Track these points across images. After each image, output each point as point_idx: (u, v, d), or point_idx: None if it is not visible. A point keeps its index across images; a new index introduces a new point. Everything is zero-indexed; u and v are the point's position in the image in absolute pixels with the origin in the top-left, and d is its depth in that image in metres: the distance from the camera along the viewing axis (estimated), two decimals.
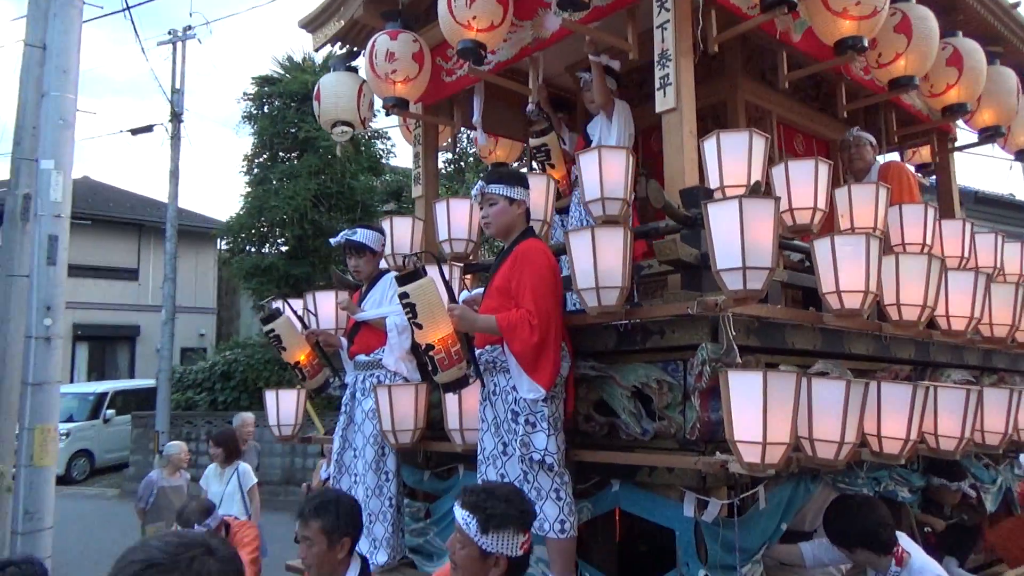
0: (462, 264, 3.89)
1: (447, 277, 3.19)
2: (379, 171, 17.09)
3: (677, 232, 3.03)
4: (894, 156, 5.57)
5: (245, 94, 16.04)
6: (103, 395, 16.12)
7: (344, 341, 4.03)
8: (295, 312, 4.12)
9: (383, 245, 4.02)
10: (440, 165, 5.54)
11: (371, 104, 4.80)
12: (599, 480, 3.20)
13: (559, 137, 4.48)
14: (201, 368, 15.20)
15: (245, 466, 5.87)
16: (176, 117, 9.80)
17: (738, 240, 2.39)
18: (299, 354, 4.08)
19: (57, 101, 7.72)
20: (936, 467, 3.59)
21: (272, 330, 4.05)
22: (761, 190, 2.90)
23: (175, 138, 9.94)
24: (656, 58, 3.43)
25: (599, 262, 2.76)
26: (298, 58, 16.48)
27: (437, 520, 3.79)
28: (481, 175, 5.48)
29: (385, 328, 3.77)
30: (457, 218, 3.86)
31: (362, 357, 3.90)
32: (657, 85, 3.41)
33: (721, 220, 2.44)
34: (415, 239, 4.34)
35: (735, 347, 2.57)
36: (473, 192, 3.17)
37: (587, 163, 3.21)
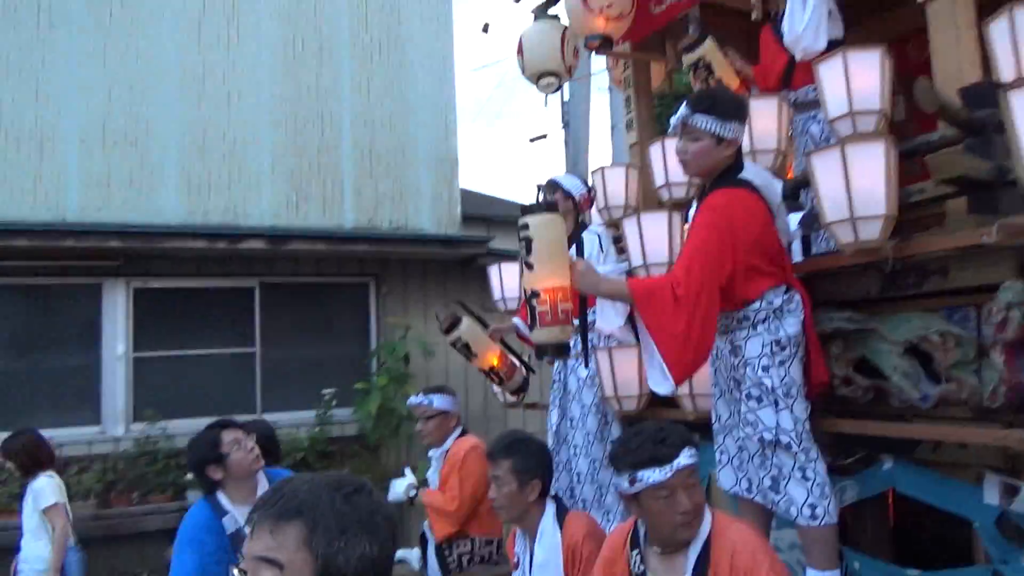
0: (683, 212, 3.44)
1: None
2: None
3: (958, 144, 2.37)
4: None
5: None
6: None
7: (518, 322, 3.67)
8: (472, 313, 3.82)
9: (584, 197, 3.65)
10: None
11: (576, 51, 4.46)
12: (866, 455, 2.66)
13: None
14: None
15: (42, 482, 4.32)
16: (567, 126, 11.23)
17: None
18: (491, 358, 3.79)
19: (623, 132, 10.10)
20: None
21: (459, 338, 3.74)
22: None
23: (566, 143, 11.44)
24: None
25: (853, 185, 2.21)
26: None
27: None
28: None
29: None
30: (675, 160, 3.42)
31: None
32: None
33: None
34: (630, 190, 3.97)
35: None
36: (673, 121, 2.54)
37: (828, 73, 2.63)
